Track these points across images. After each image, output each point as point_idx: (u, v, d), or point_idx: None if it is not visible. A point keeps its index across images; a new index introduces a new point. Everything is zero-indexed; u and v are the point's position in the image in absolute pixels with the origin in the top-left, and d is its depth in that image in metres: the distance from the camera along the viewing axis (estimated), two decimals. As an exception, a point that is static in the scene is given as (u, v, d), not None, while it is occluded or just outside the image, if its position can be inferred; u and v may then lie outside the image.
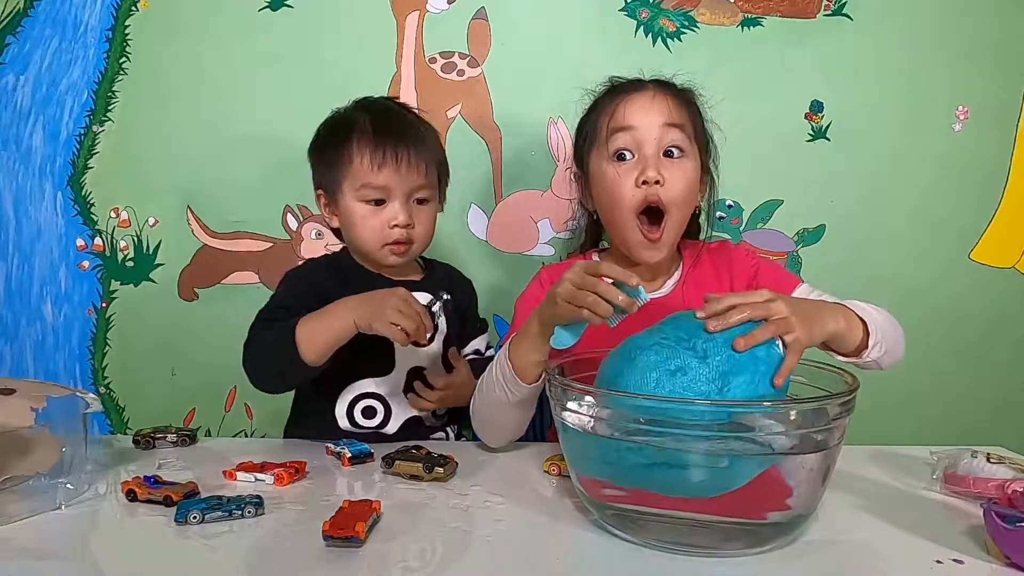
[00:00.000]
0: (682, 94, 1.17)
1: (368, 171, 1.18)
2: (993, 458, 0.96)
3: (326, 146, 1.24)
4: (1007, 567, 0.74)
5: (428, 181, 1.21)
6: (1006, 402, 1.70)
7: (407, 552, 0.76)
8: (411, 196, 1.20)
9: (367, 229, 1.20)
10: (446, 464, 0.97)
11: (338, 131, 1.23)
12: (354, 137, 1.19)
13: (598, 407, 0.80)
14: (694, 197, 1.17)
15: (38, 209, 1.58)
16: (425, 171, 1.20)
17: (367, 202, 1.19)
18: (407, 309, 1.05)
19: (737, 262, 1.21)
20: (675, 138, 1.12)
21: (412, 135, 1.21)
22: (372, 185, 1.18)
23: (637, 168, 1.11)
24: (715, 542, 0.77)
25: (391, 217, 1.19)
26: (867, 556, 0.80)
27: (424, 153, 1.20)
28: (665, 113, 1.12)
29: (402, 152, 1.18)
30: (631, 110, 1.13)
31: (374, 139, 1.18)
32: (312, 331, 1.07)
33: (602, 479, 0.81)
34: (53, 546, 0.77)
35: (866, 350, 0.97)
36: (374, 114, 1.23)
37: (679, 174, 1.12)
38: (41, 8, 1.55)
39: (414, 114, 1.28)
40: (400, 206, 1.19)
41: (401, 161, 1.17)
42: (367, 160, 1.18)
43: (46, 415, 0.86)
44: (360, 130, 1.20)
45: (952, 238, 1.66)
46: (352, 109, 1.26)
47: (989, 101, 1.63)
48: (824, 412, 0.75)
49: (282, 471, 0.94)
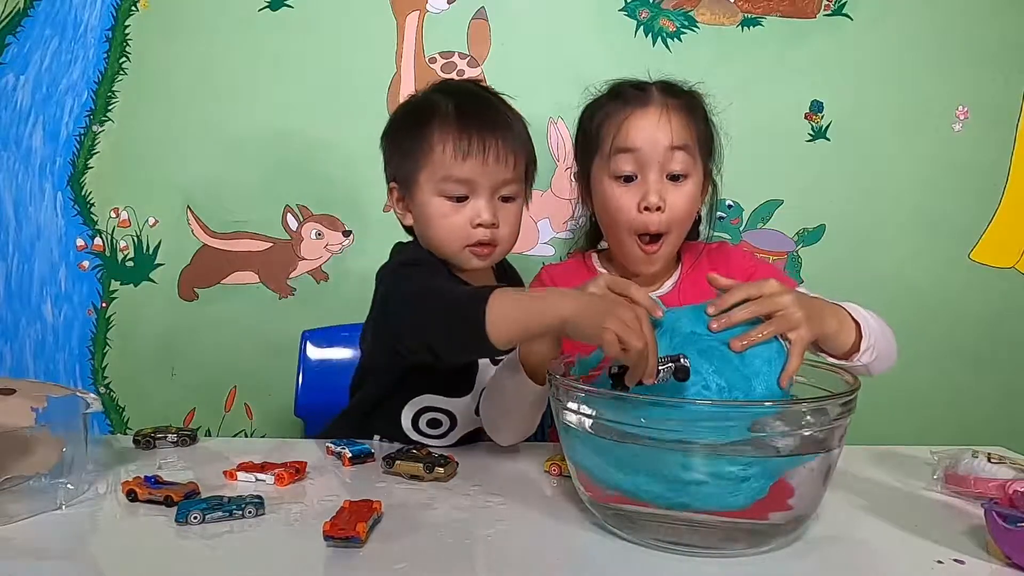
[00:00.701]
0: (688, 104, 1.15)
1: (451, 161, 1.05)
2: (994, 458, 0.96)
3: (402, 133, 1.11)
4: (1008, 567, 0.74)
5: (516, 175, 1.09)
6: (1006, 402, 1.70)
7: (408, 552, 0.76)
8: (496, 192, 1.08)
9: (446, 228, 1.08)
10: (447, 464, 0.97)
11: (417, 116, 1.10)
12: (435, 123, 1.06)
13: (599, 408, 0.80)
14: (693, 213, 1.17)
15: (38, 209, 1.58)
16: (514, 164, 1.08)
17: (448, 198, 1.07)
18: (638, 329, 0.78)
19: (735, 263, 1.22)
20: (680, 160, 1.12)
21: (501, 122, 1.08)
22: (455, 178, 1.06)
23: (639, 192, 1.12)
24: (715, 542, 0.77)
25: (474, 215, 1.07)
26: (868, 556, 0.79)
27: (513, 144, 1.08)
28: (670, 135, 1.10)
29: (490, 142, 1.05)
30: (636, 130, 1.12)
31: (458, 125, 1.05)
32: (510, 307, 0.86)
33: (603, 481, 0.81)
34: (53, 546, 0.77)
35: (857, 353, 0.96)
36: (458, 98, 1.09)
37: (681, 198, 1.13)
38: (41, 8, 1.55)
39: (502, 99, 1.14)
40: (485, 203, 1.07)
41: (488, 152, 1.05)
42: (450, 148, 1.05)
43: (46, 415, 0.86)
44: (442, 115, 1.07)
45: (952, 238, 1.66)
46: (432, 92, 1.12)
47: (989, 101, 1.63)
48: (825, 412, 0.75)
49: (282, 471, 0.94)
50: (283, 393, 1.52)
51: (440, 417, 1.13)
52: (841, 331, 0.94)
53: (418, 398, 1.12)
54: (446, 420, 1.14)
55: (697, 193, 1.16)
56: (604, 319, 0.78)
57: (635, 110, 1.13)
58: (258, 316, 1.61)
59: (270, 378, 1.62)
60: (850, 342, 0.96)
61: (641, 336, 0.77)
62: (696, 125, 1.15)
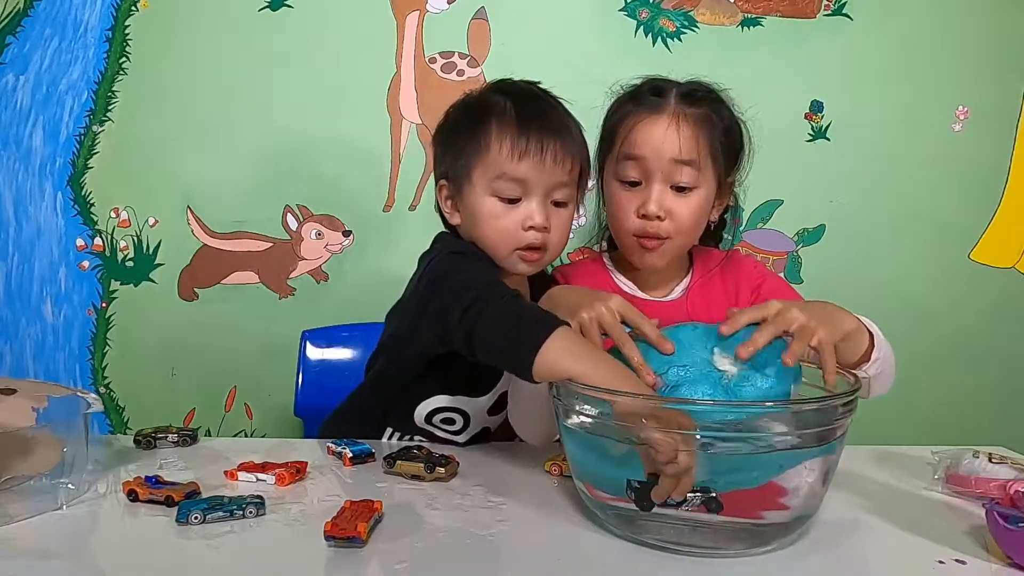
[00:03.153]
0: (705, 116, 1.12)
1: (507, 160, 1.03)
2: (995, 458, 0.96)
3: (457, 129, 1.09)
4: (1009, 567, 0.74)
5: (571, 179, 1.07)
6: (1006, 402, 1.70)
7: (408, 552, 0.76)
8: (549, 195, 1.06)
9: (497, 229, 1.05)
10: (447, 464, 0.97)
11: (474, 114, 1.08)
12: (493, 121, 1.05)
13: (600, 408, 0.80)
14: (701, 221, 1.15)
15: (38, 209, 1.58)
16: (570, 168, 1.06)
17: (501, 198, 1.05)
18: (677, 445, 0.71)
19: (744, 274, 1.22)
20: (686, 174, 1.09)
21: (560, 124, 1.07)
22: (510, 176, 1.03)
23: (640, 199, 1.11)
24: (715, 542, 0.77)
25: (526, 216, 1.04)
26: (869, 556, 0.80)
27: (571, 147, 1.06)
28: (677, 148, 1.08)
29: (548, 142, 1.03)
30: (643, 137, 1.10)
31: (517, 124, 1.03)
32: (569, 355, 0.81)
33: (602, 482, 0.81)
34: (54, 546, 0.77)
35: (867, 363, 0.96)
36: (518, 98, 1.08)
37: (685, 208, 1.11)
38: (41, 8, 1.54)
39: (560, 103, 1.12)
40: (537, 205, 1.04)
41: (547, 153, 1.03)
42: (507, 147, 1.03)
43: (47, 415, 0.86)
44: (500, 113, 1.05)
45: (952, 238, 1.67)
46: (489, 91, 1.11)
47: (989, 101, 1.63)
48: (826, 412, 0.75)
49: (283, 471, 0.94)
50: (283, 393, 1.52)
51: (455, 417, 1.13)
52: (858, 332, 0.93)
53: (435, 398, 1.11)
54: (460, 419, 1.13)
55: (705, 204, 1.13)
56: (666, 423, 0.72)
57: (646, 117, 1.11)
58: (258, 316, 1.61)
59: (270, 378, 1.62)
60: (863, 348, 0.95)
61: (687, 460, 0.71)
62: (711, 137, 1.11)
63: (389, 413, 1.15)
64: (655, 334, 0.83)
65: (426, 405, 1.12)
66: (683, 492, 0.72)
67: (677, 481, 0.71)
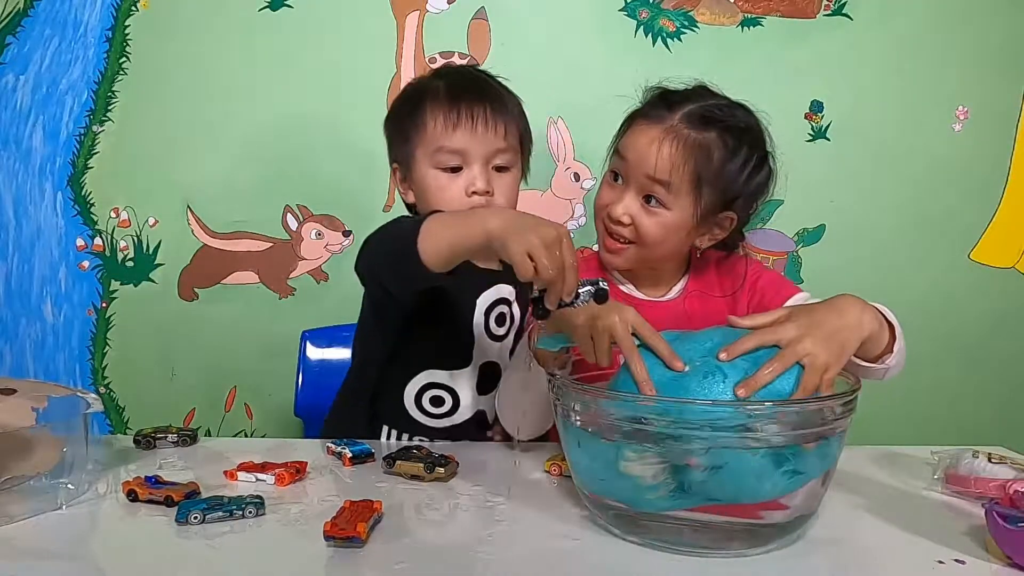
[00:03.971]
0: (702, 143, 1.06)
1: (442, 133, 1.09)
2: (994, 458, 0.96)
3: (399, 115, 1.16)
4: (1009, 567, 0.74)
5: (508, 144, 1.12)
6: (1006, 402, 1.70)
7: (408, 552, 0.76)
8: (490, 161, 1.11)
9: (443, 200, 1.10)
10: (447, 464, 0.97)
11: (412, 97, 1.15)
12: (427, 100, 1.11)
13: (600, 408, 0.80)
14: (669, 240, 1.10)
15: (38, 209, 1.58)
16: (505, 133, 1.11)
17: (443, 169, 1.10)
18: (553, 251, 0.80)
19: (741, 272, 1.21)
20: (657, 191, 1.07)
21: (490, 94, 1.13)
22: (447, 148, 1.09)
23: (615, 197, 1.10)
24: (715, 542, 0.77)
25: (469, 183, 1.09)
26: (868, 556, 0.80)
27: (503, 114, 1.11)
28: (653, 166, 1.05)
29: (478, 111, 1.09)
30: (632, 142, 1.09)
31: (448, 99, 1.10)
32: (441, 225, 0.90)
33: (602, 482, 0.81)
34: (54, 546, 0.77)
35: (890, 355, 0.95)
36: (449, 77, 1.16)
37: (649, 223, 1.08)
38: (41, 8, 1.55)
39: (494, 79, 1.19)
40: (479, 170, 1.10)
41: (477, 121, 1.09)
42: (440, 121, 1.09)
43: (47, 415, 0.86)
44: (434, 93, 1.12)
45: (952, 238, 1.67)
46: (427, 77, 1.19)
47: (989, 101, 1.63)
48: (825, 412, 0.75)
49: (283, 471, 0.94)
50: (283, 393, 1.52)
51: (442, 394, 1.15)
52: (880, 332, 0.92)
53: (420, 375, 1.14)
54: (448, 398, 1.15)
55: (675, 226, 1.08)
56: (525, 238, 0.80)
57: (642, 121, 1.10)
58: (258, 316, 1.61)
59: (270, 378, 1.62)
60: (883, 344, 0.94)
61: (556, 263, 0.79)
62: (700, 166, 1.05)
63: (379, 400, 1.17)
64: (667, 351, 0.82)
65: (413, 386, 1.14)
66: (570, 291, 0.80)
67: (562, 283, 0.79)
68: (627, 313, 0.86)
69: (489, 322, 1.17)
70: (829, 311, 0.88)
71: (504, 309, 1.18)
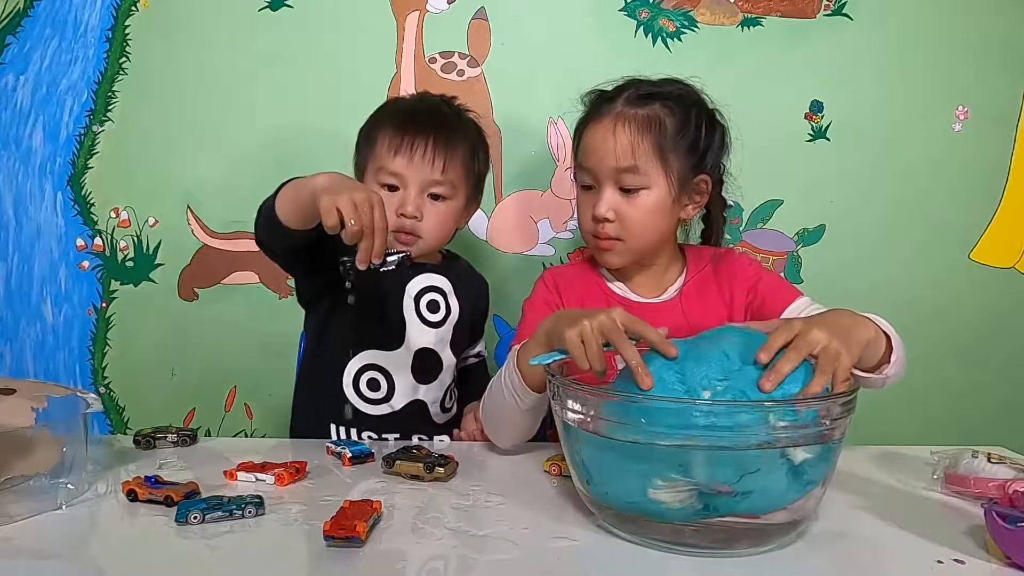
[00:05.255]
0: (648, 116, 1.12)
1: (386, 155, 1.19)
2: (994, 458, 0.96)
3: (365, 130, 1.27)
4: (1008, 567, 0.74)
5: (445, 178, 1.21)
6: (1006, 402, 1.70)
7: (408, 552, 0.76)
8: (425, 189, 1.21)
9: None
10: (447, 464, 0.97)
11: (377, 115, 1.27)
12: (382, 120, 1.23)
13: (599, 408, 0.80)
14: (658, 221, 1.14)
15: (38, 209, 1.58)
16: (443, 167, 1.20)
17: (381, 185, 1.20)
18: (365, 209, 0.92)
19: (739, 273, 1.21)
20: (627, 179, 1.12)
21: (439, 128, 1.21)
22: (387, 170, 1.20)
23: (595, 200, 1.14)
24: (715, 542, 0.77)
25: (398, 204, 1.19)
26: (868, 556, 0.80)
27: (446, 148, 1.20)
28: (616, 155, 1.11)
29: (419, 143, 1.18)
30: (589, 148, 1.15)
31: (397, 125, 1.20)
32: (290, 187, 1.04)
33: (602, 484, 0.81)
34: (54, 546, 0.77)
35: (887, 364, 0.95)
36: (412, 103, 1.28)
37: (633, 211, 1.13)
38: (41, 8, 1.54)
39: (456, 111, 1.28)
40: (412, 196, 1.19)
41: (416, 151, 1.18)
42: (386, 145, 1.20)
43: (47, 415, 0.86)
44: (391, 117, 1.23)
45: (952, 238, 1.66)
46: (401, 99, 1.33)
47: (989, 101, 1.63)
48: (825, 412, 0.75)
49: (283, 471, 0.94)
50: (283, 393, 1.51)
51: (377, 377, 1.22)
52: (877, 339, 0.92)
53: (359, 356, 1.21)
54: (384, 382, 1.22)
55: (658, 204, 1.13)
56: (338, 197, 0.91)
57: (591, 123, 1.15)
58: (258, 316, 1.61)
59: (270, 378, 1.62)
60: (881, 352, 0.94)
61: (366, 219, 0.90)
62: (656, 138, 1.11)
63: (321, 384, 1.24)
64: (658, 337, 0.83)
65: (349, 370, 1.21)
66: (379, 252, 0.90)
67: (370, 243, 0.91)
68: (615, 311, 0.88)
69: (420, 308, 1.24)
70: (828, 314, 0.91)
71: (436, 297, 1.26)
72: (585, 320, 0.87)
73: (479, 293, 1.37)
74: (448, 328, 1.27)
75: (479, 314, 1.37)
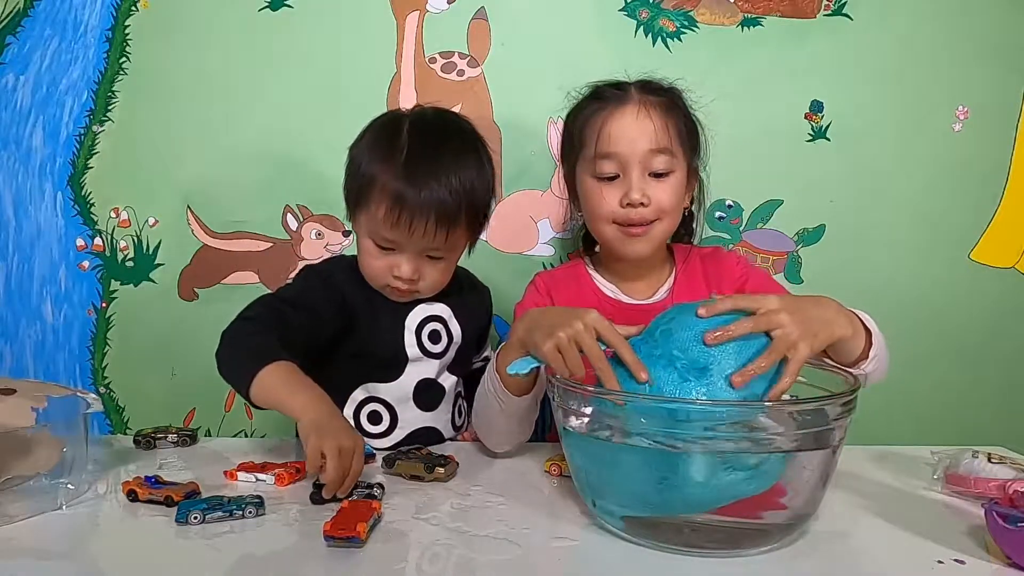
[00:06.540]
0: (667, 102, 1.17)
1: (382, 223, 1.10)
2: (994, 458, 0.96)
3: (359, 164, 1.15)
4: (1008, 567, 0.74)
5: (447, 244, 1.13)
6: (1006, 402, 1.70)
7: (408, 552, 0.76)
8: (422, 253, 1.14)
9: (370, 266, 1.15)
10: (447, 464, 0.97)
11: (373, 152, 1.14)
12: (378, 181, 1.10)
13: (598, 408, 0.80)
14: (680, 205, 1.19)
15: (38, 209, 1.58)
16: (446, 238, 1.11)
17: (376, 243, 1.13)
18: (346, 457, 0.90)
19: (727, 270, 1.22)
20: (661, 162, 1.14)
21: (439, 194, 1.08)
22: (382, 236, 1.12)
23: (622, 189, 1.14)
24: (715, 542, 0.77)
25: (395, 266, 1.13)
26: (868, 556, 0.80)
27: (447, 215, 1.09)
28: (651, 137, 1.13)
29: (418, 220, 1.08)
30: (616, 134, 1.14)
31: (396, 193, 1.08)
32: (276, 382, 0.97)
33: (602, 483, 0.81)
34: (54, 546, 0.77)
35: (864, 361, 0.95)
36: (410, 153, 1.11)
37: (663, 193, 1.14)
38: (41, 8, 1.54)
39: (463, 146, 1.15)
40: (408, 260, 1.13)
41: (415, 227, 1.08)
42: (383, 212, 1.09)
43: (47, 415, 0.86)
44: (387, 169, 1.10)
45: (952, 238, 1.66)
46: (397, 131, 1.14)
47: (989, 101, 1.63)
48: (825, 412, 0.75)
49: (283, 471, 0.95)
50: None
51: (379, 409, 1.17)
52: (855, 337, 0.92)
53: (358, 389, 1.18)
54: (386, 414, 1.17)
55: (681, 187, 1.17)
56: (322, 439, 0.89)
57: (614, 112, 1.15)
58: (258, 316, 1.61)
59: (270, 378, 1.61)
60: (859, 349, 0.94)
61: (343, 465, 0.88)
62: (677, 123, 1.16)
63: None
64: (631, 358, 0.82)
65: (350, 405, 1.17)
66: (346, 490, 0.89)
67: (340, 483, 0.88)
68: (589, 316, 0.87)
69: (423, 340, 1.19)
70: (808, 299, 0.90)
71: (437, 326, 1.20)
72: (560, 332, 0.87)
73: (480, 310, 1.32)
74: (451, 355, 1.22)
75: (482, 329, 1.33)
